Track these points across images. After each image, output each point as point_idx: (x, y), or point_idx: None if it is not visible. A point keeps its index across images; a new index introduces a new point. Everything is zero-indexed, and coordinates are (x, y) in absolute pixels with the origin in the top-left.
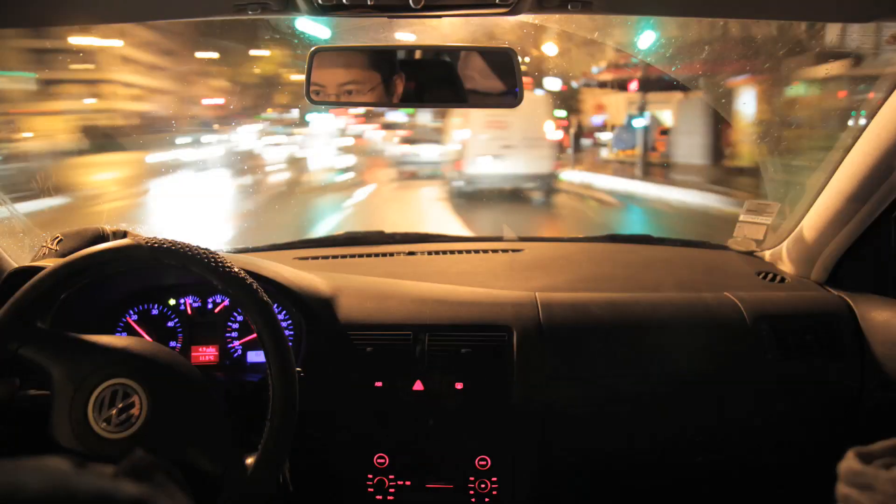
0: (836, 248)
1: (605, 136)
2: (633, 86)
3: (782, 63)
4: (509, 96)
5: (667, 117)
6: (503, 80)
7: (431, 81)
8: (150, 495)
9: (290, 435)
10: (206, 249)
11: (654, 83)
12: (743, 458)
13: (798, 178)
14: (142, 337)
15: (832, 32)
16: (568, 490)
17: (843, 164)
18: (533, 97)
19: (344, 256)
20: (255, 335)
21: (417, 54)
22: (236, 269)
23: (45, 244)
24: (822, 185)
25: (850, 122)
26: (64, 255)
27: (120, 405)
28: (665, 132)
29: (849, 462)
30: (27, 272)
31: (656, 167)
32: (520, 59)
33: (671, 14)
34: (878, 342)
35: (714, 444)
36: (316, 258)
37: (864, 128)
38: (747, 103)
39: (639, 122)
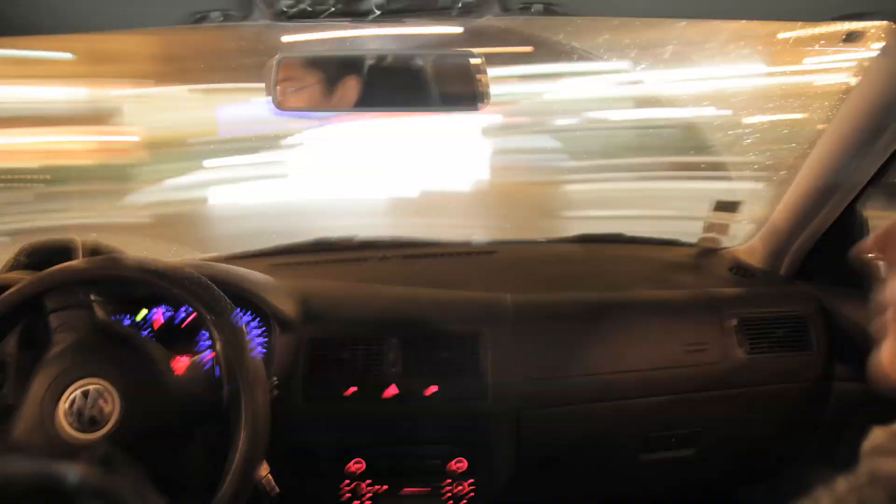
0: (804, 242)
1: None
2: None
3: None
4: (474, 99)
5: None
6: (469, 83)
7: (399, 87)
8: (112, 484)
9: (260, 447)
10: (159, 263)
11: None
12: (715, 453)
13: None
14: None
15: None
16: (545, 490)
17: (809, 159)
18: None
19: (317, 263)
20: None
21: (384, 60)
22: (197, 282)
23: (13, 255)
24: (789, 180)
25: None
26: (34, 268)
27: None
28: None
29: (874, 440)
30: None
31: None
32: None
33: (636, 15)
34: (847, 335)
35: (688, 439)
36: (289, 265)
37: (827, 124)
38: None
39: None
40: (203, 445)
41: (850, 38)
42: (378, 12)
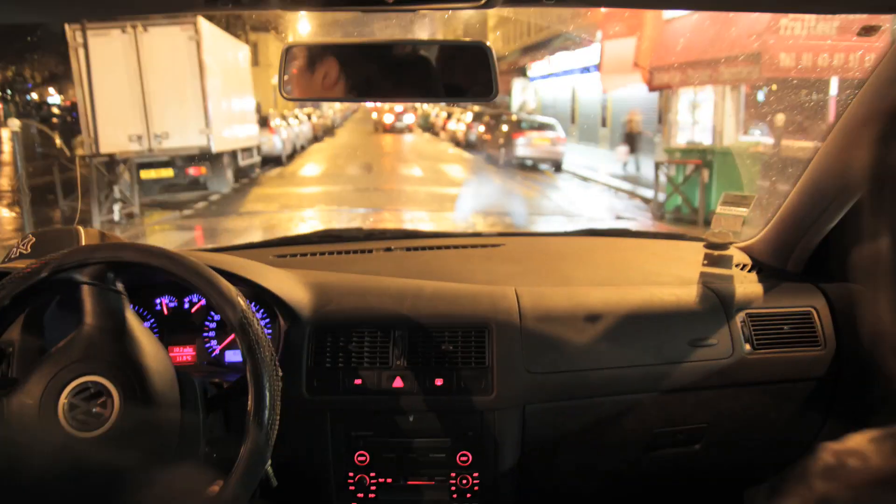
0: (811, 238)
1: None
2: None
3: None
4: (484, 90)
5: None
6: (478, 74)
7: (406, 76)
8: None
9: (269, 439)
10: (173, 252)
11: None
12: (721, 449)
13: None
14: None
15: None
16: (549, 484)
17: (818, 155)
18: None
19: (322, 254)
20: (232, 336)
21: (392, 49)
22: (209, 272)
23: (16, 245)
24: (797, 176)
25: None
26: (36, 257)
27: (95, 405)
28: None
29: (823, 457)
30: None
31: None
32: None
33: (644, 6)
34: (854, 332)
35: (693, 435)
36: (294, 256)
37: (836, 120)
38: None
39: None
40: (208, 436)
41: (865, 31)
42: (390, 1)
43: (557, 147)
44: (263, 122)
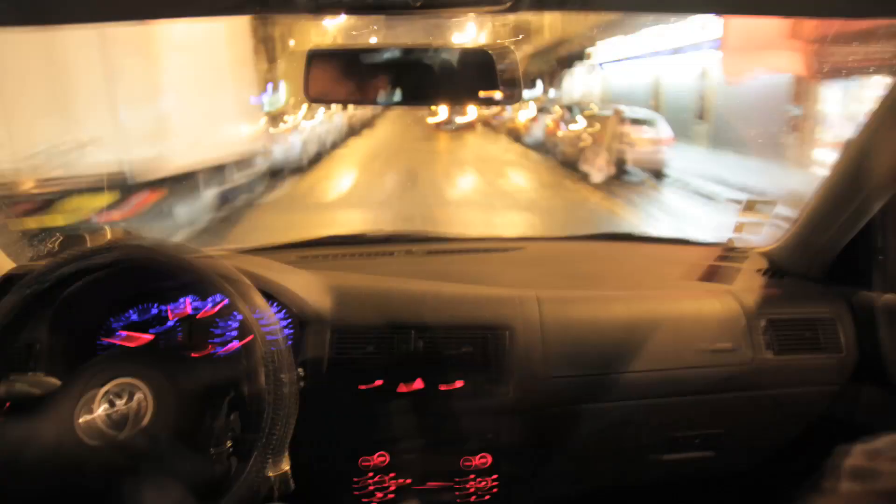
0: (832, 244)
1: None
2: None
3: None
4: (509, 93)
5: None
6: (503, 77)
7: (428, 80)
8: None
9: (285, 434)
10: (191, 252)
11: None
12: (741, 454)
13: None
14: (142, 336)
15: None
16: (568, 486)
17: (841, 158)
18: None
19: (344, 256)
20: (252, 336)
21: (416, 53)
22: (229, 272)
23: (46, 244)
24: (819, 182)
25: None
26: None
27: (125, 405)
28: None
29: (854, 458)
30: (23, 274)
31: None
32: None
33: (669, 11)
34: (876, 338)
35: (712, 439)
36: (316, 257)
37: (859, 125)
38: None
39: None
40: (231, 434)
41: (892, 35)
42: (415, 4)
43: (659, 149)
44: (277, 119)
